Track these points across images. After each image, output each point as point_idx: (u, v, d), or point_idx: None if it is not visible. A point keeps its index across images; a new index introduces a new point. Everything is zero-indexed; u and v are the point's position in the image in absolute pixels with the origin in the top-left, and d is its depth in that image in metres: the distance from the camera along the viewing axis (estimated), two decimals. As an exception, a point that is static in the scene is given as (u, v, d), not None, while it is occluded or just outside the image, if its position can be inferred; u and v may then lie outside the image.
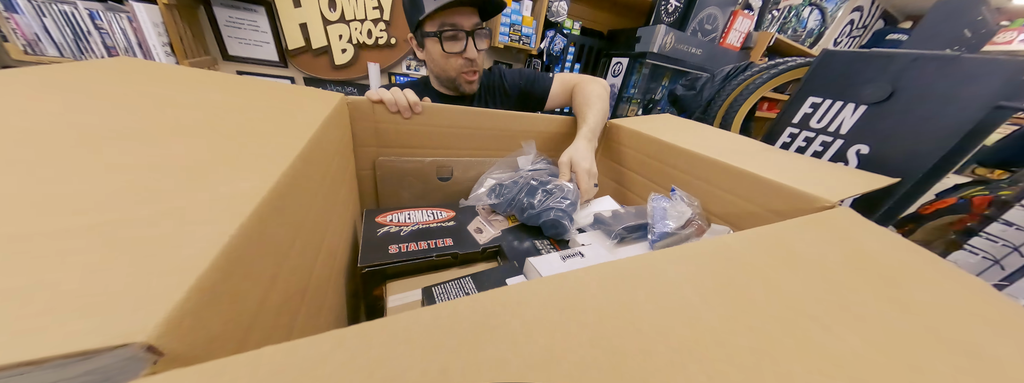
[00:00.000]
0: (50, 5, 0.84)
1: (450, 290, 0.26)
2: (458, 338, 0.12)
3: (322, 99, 0.35)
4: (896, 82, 0.46)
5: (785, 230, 0.24)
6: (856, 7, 2.64)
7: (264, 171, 0.17)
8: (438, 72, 0.65)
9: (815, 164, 0.44)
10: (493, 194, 0.47)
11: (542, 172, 0.50)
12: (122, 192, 0.14)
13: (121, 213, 0.13)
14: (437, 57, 0.61)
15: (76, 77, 0.25)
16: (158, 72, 0.31)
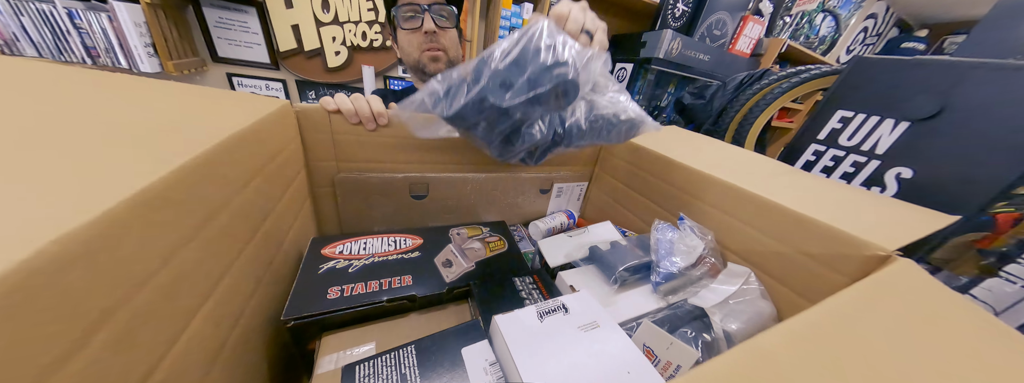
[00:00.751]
0: (27, 3, 0.80)
1: (381, 369, 0.20)
2: None
3: (252, 105, 0.28)
4: (946, 95, 0.39)
5: (845, 323, 0.17)
6: (870, 14, 2.56)
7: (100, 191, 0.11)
8: (409, 62, 0.64)
9: (853, 193, 0.37)
10: (437, 98, 0.31)
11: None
12: None
13: None
14: (403, 44, 0.62)
15: None
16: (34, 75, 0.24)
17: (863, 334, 0.16)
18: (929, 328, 0.17)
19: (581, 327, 0.24)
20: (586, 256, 0.38)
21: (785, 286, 0.32)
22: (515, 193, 0.57)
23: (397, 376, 0.19)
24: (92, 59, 0.90)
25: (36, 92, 0.20)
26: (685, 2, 1.46)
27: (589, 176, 0.63)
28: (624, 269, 0.33)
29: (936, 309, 0.19)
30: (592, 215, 0.64)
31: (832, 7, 2.10)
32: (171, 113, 0.22)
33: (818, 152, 0.51)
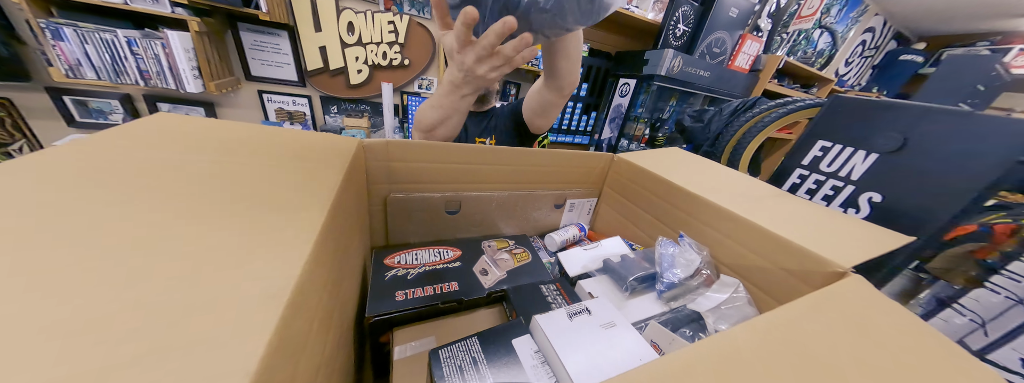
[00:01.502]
0: (93, 33, 0.89)
1: (457, 354, 0.27)
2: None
3: (340, 148, 0.36)
4: (908, 133, 0.46)
5: (793, 322, 0.24)
6: (868, 28, 2.63)
7: (287, 260, 0.18)
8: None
9: (827, 216, 0.43)
10: None
11: None
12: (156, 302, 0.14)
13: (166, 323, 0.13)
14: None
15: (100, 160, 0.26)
16: (186, 132, 0.32)
17: (803, 330, 0.23)
18: (856, 327, 0.24)
19: (602, 326, 0.31)
20: (600, 267, 0.45)
21: (768, 295, 0.39)
22: (532, 208, 0.64)
23: (469, 358, 0.26)
24: (144, 81, 0.99)
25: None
26: (685, 22, 1.55)
27: (598, 193, 0.70)
28: (634, 279, 0.40)
29: (866, 313, 0.25)
30: (601, 227, 0.71)
31: (828, 23, 2.18)
32: (297, 175, 0.28)
33: (802, 176, 0.58)
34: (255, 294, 0.15)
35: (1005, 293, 0.62)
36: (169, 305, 0.14)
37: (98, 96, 1.11)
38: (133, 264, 0.16)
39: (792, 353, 0.20)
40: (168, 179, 0.23)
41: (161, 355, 0.12)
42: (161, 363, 0.12)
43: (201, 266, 0.16)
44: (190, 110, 1.22)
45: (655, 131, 2.03)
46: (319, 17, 1.21)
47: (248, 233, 0.19)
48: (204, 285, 0.15)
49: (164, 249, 0.17)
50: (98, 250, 0.16)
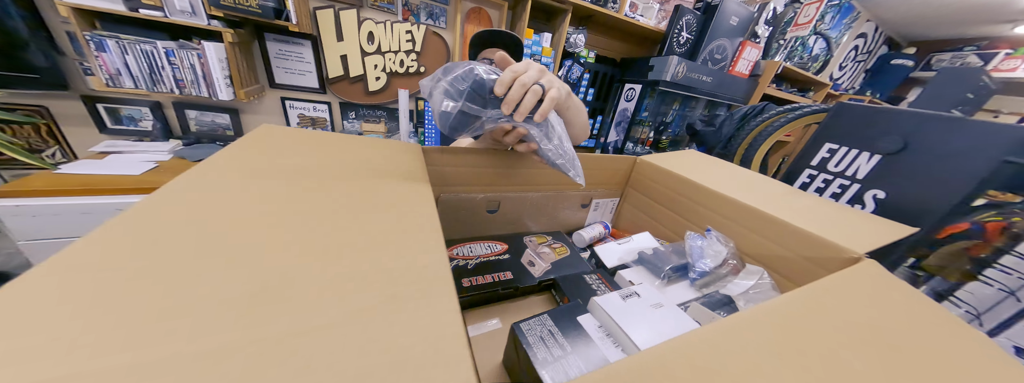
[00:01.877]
0: (134, 45, 0.94)
1: (535, 327, 0.31)
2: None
3: (415, 153, 0.41)
4: (908, 135, 0.51)
5: (821, 296, 0.28)
6: (860, 34, 2.73)
7: (437, 243, 0.23)
8: None
9: (838, 210, 0.48)
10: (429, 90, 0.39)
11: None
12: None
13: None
14: None
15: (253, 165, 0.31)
16: (297, 141, 0.37)
17: (828, 300, 0.27)
18: (869, 298, 0.29)
19: (652, 306, 0.35)
20: (635, 259, 0.50)
21: (790, 281, 0.44)
22: (561, 207, 0.69)
23: (546, 331, 0.31)
24: (180, 89, 1.03)
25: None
26: (689, 30, 1.62)
27: (620, 193, 0.75)
28: (670, 268, 0.45)
29: (880, 288, 0.30)
30: (623, 225, 0.75)
31: (823, 30, 2.27)
32: (398, 166, 0.34)
33: (812, 175, 0.63)
34: (428, 263, 0.20)
35: (998, 285, 0.67)
36: (395, 267, 0.19)
37: (131, 104, 1.15)
38: (354, 241, 0.21)
39: (823, 317, 0.25)
40: (315, 181, 0.29)
41: (414, 289, 0.17)
42: (417, 294, 0.17)
43: (387, 245, 0.21)
44: (217, 116, 1.26)
45: (659, 134, 2.09)
46: (342, 28, 1.27)
47: (399, 221, 0.24)
48: (400, 258, 0.20)
49: (368, 232, 0.22)
50: (316, 226, 0.22)
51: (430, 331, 0.16)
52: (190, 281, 0.16)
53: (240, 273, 0.17)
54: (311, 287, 0.17)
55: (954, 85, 0.48)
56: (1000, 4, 2.05)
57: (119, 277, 0.16)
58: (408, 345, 0.15)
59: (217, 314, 0.15)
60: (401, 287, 0.18)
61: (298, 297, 0.17)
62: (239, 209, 0.23)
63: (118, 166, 0.97)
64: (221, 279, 0.17)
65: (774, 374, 0.19)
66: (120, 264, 0.16)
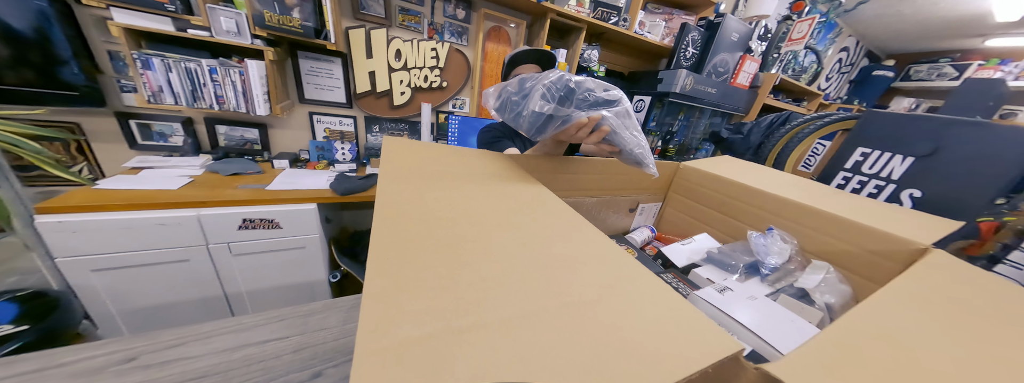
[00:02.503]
0: (179, 63, 0.97)
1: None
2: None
3: (514, 166, 0.44)
4: (938, 139, 0.56)
5: (926, 280, 0.32)
6: (843, 48, 2.92)
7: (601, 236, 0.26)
8: None
9: (885, 207, 0.53)
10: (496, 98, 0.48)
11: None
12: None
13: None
14: None
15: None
16: (430, 152, 0.40)
17: (931, 289, 0.31)
18: (968, 281, 0.32)
19: (748, 298, 0.38)
20: (704, 257, 0.53)
21: (855, 274, 0.47)
22: (612, 211, 0.72)
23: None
24: (219, 106, 1.05)
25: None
26: (694, 46, 1.72)
27: (663, 197, 0.79)
28: (745, 266, 0.48)
29: (967, 272, 0.34)
30: (667, 228, 0.79)
31: (812, 44, 2.42)
32: (524, 186, 0.37)
33: (846, 177, 0.68)
34: (611, 249, 0.23)
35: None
36: (592, 252, 0.22)
37: (163, 120, 1.17)
38: (541, 232, 0.24)
39: (941, 297, 0.29)
40: (471, 185, 0.32)
41: (628, 270, 0.20)
42: (633, 275, 0.20)
43: (569, 234, 0.24)
44: (246, 131, 1.28)
45: (666, 143, 2.17)
46: (372, 46, 1.32)
47: (559, 217, 0.27)
48: (589, 243, 0.23)
49: (543, 224, 0.25)
50: (504, 221, 0.25)
51: (663, 303, 0.19)
52: (465, 270, 0.19)
53: (498, 261, 0.20)
54: (547, 269, 0.20)
55: (978, 94, 0.54)
56: (970, 20, 2.23)
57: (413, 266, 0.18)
58: (656, 315, 0.18)
59: (502, 292, 0.17)
60: (617, 268, 0.21)
61: (546, 277, 0.19)
62: (446, 211, 0.25)
63: (154, 181, 0.98)
64: (487, 266, 0.19)
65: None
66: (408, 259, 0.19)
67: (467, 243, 0.21)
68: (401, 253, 0.19)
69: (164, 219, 0.87)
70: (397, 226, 0.22)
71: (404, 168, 0.33)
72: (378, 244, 0.19)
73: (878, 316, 0.25)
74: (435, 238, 0.21)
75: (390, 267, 0.18)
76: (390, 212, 0.23)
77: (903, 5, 2.21)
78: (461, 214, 0.25)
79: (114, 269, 0.86)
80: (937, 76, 2.87)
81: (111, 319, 0.92)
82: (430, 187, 0.30)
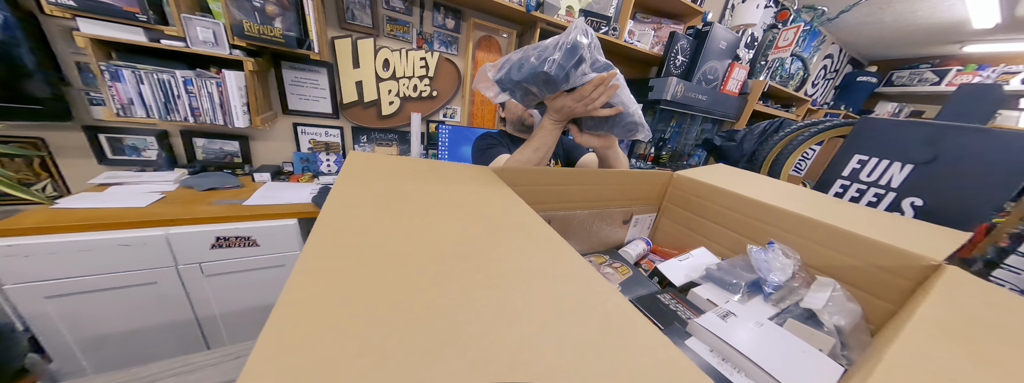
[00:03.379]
0: (151, 75, 0.93)
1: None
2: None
3: (493, 175, 0.40)
4: (937, 146, 0.54)
5: (958, 304, 0.29)
6: (827, 55, 2.99)
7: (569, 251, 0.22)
8: (513, 118, 0.89)
9: (889, 218, 0.50)
10: (500, 69, 0.49)
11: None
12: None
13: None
14: (511, 106, 0.88)
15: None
16: (391, 164, 0.36)
17: (965, 319, 0.27)
18: (994, 303, 0.29)
19: (753, 324, 0.35)
20: (703, 275, 0.49)
21: (862, 291, 0.44)
22: (605, 224, 0.68)
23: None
24: (194, 118, 1.01)
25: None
26: (683, 54, 1.73)
27: (657, 208, 0.76)
28: (747, 285, 0.44)
29: (997, 298, 0.31)
30: (663, 241, 0.75)
31: (797, 52, 2.47)
32: (498, 198, 0.33)
33: (844, 186, 0.65)
34: (598, 296, 0.19)
35: (1009, 285, 0.69)
36: (556, 269, 0.18)
37: (136, 133, 1.12)
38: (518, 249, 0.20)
39: (983, 330, 0.25)
40: (431, 202, 0.28)
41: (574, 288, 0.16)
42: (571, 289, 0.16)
43: (537, 249, 0.20)
44: (226, 143, 1.23)
45: (659, 150, 2.17)
46: (359, 56, 1.29)
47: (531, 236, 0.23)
48: (547, 256, 0.19)
49: (525, 250, 0.21)
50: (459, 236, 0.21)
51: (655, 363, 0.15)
52: (393, 339, 0.15)
53: (444, 323, 0.16)
54: (513, 325, 0.16)
55: (975, 99, 0.53)
56: (947, 27, 2.30)
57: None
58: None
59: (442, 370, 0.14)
60: (602, 317, 0.17)
61: (509, 339, 0.15)
62: (399, 243, 0.21)
63: (121, 198, 0.92)
64: (429, 335, 0.15)
65: None
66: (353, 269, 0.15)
67: (412, 291, 0.17)
68: (311, 318, 0.14)
69: (128, 239, 0.82)
70: (327, 269, 0.17)
71: (364, 188, 0.29)
72: (284, 308, 0.14)
73: (919, 359, 0.21)
74: (370, 287, 0.17)
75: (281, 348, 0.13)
76: (324, 247, 0.19)
77: (883, 13, 2.27)
78: (418, 247, 0.21)
79: (71, 295, 0.80)
80: (918, 81, 2.94)
81: (67, 349, 0.84)
82: (388, 212, 0.26)
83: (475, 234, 0.24)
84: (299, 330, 0.12)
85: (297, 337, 0.12)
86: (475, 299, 0.17)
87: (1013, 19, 2.08)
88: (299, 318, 0.13)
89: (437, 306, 0.15)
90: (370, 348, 0.12)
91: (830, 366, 0.30)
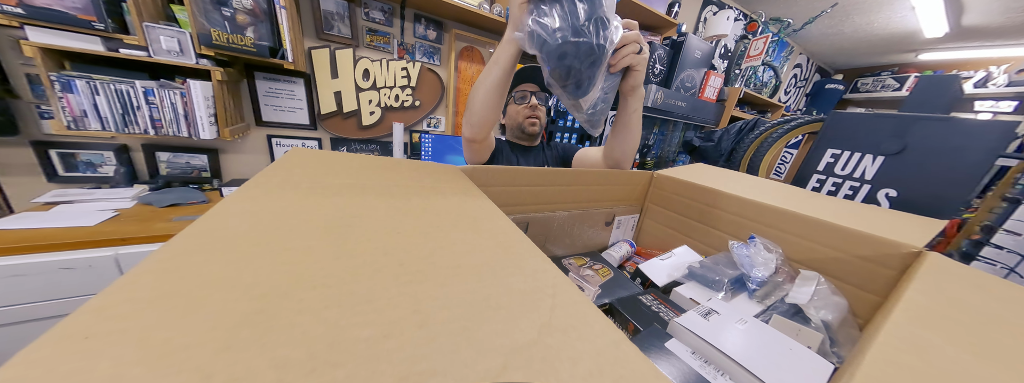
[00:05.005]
0: (107, 85, 0.88)
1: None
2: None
3: (460, 175, 0.38)
4: (905, 137, 0.55)
5: (943, 289, 0.27)
6: (797, 64, 3.15)
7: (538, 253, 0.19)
8: (513, 125, 0.87)
9: (866, 209, 0.49)
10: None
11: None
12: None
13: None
14: (512, 113, 0.86)
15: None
16: (338, 162, 0.33)
17: (951, 303, 0.26)
18: (975, 285, 0.27)
19: (737, 323, 0.32)
20: (685, 274, 0.47)
21: (846, 283, 0.42)
22: (586, 226, 0.66)
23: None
24: (156, 130, 0.96)
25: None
26: (661, 62, 1.78)
27: (640, 209, 0.74)
28: (730, 282, 0.42)
29: (980, 281, 0.29)
30: (647, 242, 0.73)
31: (768, 61, 2.60)
32: (458, 197, 0.31)
33: (821, 180, 0.65)
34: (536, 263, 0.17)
35: (999, 264, 0.70)
36: (502, 263, 0.15)
37: (91, 148, 1.05)
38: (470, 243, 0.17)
39: (972, 315, 0.23)
40: (366, 195, 0.25)
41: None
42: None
43: (497, 252, 0.18)
44: (192, 157, 1.18)
45: (644, 156, 2.19)
46: (337, 66, 1.28)
47: (501, 242, 0.21)
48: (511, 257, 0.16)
49: (470, 243, 0.18)
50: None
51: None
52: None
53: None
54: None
55: (935, 91, 0.55)
56: (902, 37, 2.47)
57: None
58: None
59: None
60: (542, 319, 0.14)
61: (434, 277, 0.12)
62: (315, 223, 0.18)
63: (67, 218, 0.85)
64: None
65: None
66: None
67: (296, 290, 0.13)
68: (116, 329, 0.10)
69: (70, 261, 0.74)
70: (177, 267, 0.13)
71: (285, 181, 0.26)
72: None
73: (910, 348, 0.19)
74: (236, 285, 0.12)
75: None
76: (189, 242, 0.15)
77: (843, 25, 2.42)
78: (327, 242, 0.18)
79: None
80: (881, 87, 3.12)
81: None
82: (304, 206, 0.22)
83: (410, 227, 0.21)
84: (89, 342, 0.09)
85: (77, 351, 0.09)
86: (383, 298, 0.14)
87: (960, 28, 2.25)
88: (97, 328, 0.09)
89: (326, 306, 0.12)
90: (192, 363, 0.09)
91: (819, 364, 0.28)
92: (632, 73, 0.48)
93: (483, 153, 0.78)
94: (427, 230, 0.21)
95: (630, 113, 0.59)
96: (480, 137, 0.69)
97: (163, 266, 0.13)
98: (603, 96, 0.47)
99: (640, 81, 0.50)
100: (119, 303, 0.10)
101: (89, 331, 0.09)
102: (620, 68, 0.45)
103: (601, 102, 0.48)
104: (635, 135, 0.63)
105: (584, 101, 0.46)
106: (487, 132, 0.69)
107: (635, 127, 0.62)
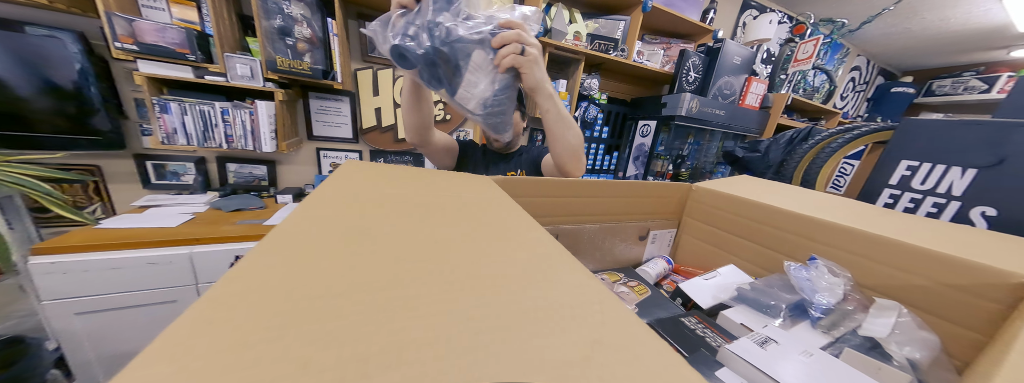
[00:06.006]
0: (194, 106, 1.03)
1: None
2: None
3: (493, 186, 0.39)
4: (1003, 147, 0.47)
5: None
6: (854, 66, 2.87)
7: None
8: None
9: (960, 231, 0.43)
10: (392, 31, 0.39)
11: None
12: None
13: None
14: (516, 122, 0.83)
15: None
16: (391, 173, 0.36)
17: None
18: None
19: (800, 354, 0.29)
20: (734, 296, 0.43)
21: (937, 317, 0.36)
22: (618, 240, 0.63)
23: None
24: (228, 144, 1.09)
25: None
26: (696, 70, 1.72)
27: (677, 223, 0.70)
28: (788, 307, 0.38)
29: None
30: (685, 259, 0.69)
31: (820, 65, 2.40)
32: (495, 207, 0.31)
33: (894, 195, 0.58)
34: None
35: None
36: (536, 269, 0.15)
37: (177, 159, 1.22)
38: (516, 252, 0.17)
39: None
40: (431, 209, 0.27)
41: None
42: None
43: (539, 263, 0.18)
44: (255, 168, 1.32)
45: (677, 167, 2.09)
46: (379, 84, 1.38)
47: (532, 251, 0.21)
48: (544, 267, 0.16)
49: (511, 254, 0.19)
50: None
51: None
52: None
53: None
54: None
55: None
56: (988, 33, 2.17)
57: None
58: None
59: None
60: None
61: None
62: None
63: (156, 219, 0.98)
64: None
65: None
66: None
67: (357, 292, 0.14)
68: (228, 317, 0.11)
69: (155, 258, 0.85)
70: (265, 265, 0.15)
71: (342, 191, 0.28)
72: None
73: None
74: (310, 284, 0.14)
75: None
76: (274, 244, 0.17)
77: (910, 23, 2.18)
78: (381, 248, 0.19)
79: (97, 312, 0.83)
80: (964, 90, 2.74)
81: (89, 366, 0.86)
82: (363, 215, 0.24)
83: (452, 236, 0.22)
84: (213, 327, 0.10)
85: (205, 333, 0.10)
86: (436, 304, 0.14)
87: (1064, 20, 1.93)
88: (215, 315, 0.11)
89: (381, 310, 0.13)
90: (284, 353, 0.10)
91: (909, 411, 0.24)
92: (522, 73, 0.45)
93: (439, 157, 0.76)
94: (473, 239, 0.22)
95: (543, 114, 0.55)
96: (418, 142, 0.67)
97: (258, 266, 0.14)
98: (495, 98, 0.45)
99: (536, 81, 0.46)
100: (229, 295, 0.12)
101: (211, 317, 0.11)
102: (504, 69, 0.43)
103: (494, 104, 0.46)
104: (561, 137, 0.58)
105: (462, 99, 0.45)
106: (423, 137, 0.67)
107: (554, 128, 0.57)
